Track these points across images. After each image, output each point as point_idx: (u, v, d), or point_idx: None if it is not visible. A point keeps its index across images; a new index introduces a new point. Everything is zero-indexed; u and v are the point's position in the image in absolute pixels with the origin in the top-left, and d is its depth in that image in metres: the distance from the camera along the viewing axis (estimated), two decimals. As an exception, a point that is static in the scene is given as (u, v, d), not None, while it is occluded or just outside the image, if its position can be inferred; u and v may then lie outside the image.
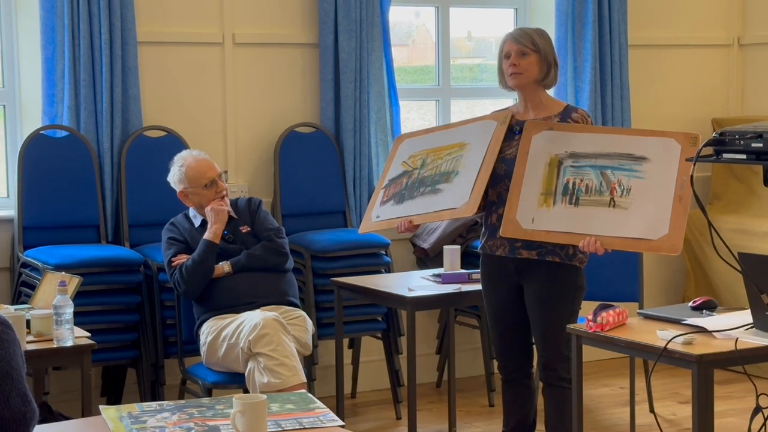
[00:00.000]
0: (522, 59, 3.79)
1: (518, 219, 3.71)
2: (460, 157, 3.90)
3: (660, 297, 6.13)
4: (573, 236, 3.64)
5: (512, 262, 3.83)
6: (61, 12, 4.77)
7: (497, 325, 3.94)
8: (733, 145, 2.57)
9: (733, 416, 4.89)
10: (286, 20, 5.37)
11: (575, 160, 3.72)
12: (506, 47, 3.84)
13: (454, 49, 6.01)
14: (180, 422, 2.58)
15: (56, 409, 4.39)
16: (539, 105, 3.88)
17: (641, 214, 3.57)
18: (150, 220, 4.86)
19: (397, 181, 4.04)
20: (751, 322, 3.26)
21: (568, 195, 3.69)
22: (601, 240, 3.59)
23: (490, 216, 3.87)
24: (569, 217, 3.66)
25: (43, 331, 3.67)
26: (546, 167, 3.74)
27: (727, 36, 6.40)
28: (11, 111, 5.03)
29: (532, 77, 3.81)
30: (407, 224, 3.90)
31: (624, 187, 3.62)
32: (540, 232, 3.68)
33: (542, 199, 3.71)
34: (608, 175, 3.65)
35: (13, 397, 1.75)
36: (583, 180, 3.69)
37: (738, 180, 6.04)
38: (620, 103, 5.89)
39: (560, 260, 3.77)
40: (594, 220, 3.63)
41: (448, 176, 3.89)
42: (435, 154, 4.00)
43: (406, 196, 3.97)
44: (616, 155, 3.67)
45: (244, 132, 5.31)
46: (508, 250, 3.82)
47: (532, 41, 3.80)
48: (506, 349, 3.94)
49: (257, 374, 4.04)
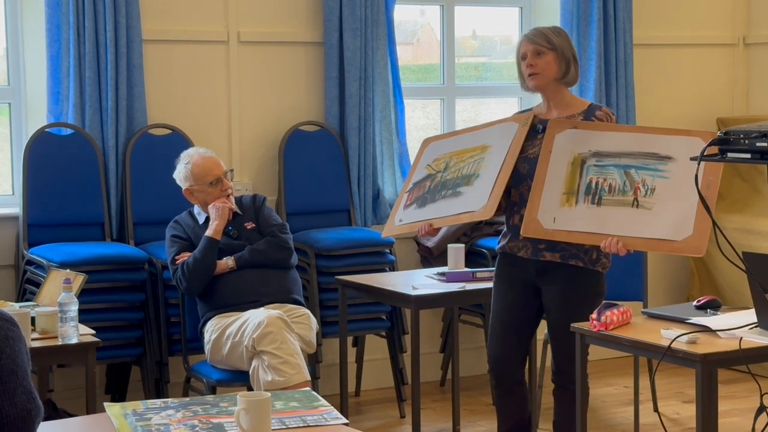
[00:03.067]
0: (538, 59, 3.72)
1: (539, 218, 3.64)
2: (482, 159, 3.85)
3: (664, 296, 6.13)
4: (595, 236, 3.57)
5: (534, 264, 3.76)
6: (66, 10, 4.78)
7: (500, 326, 3.86)
8: (738, 145, 2.57)
9: (737, 416, 4.89)
10: (291, 19, 5.38)
11: (599, 159, 3.65)
12: (522, 48, 3.77)
13: (458, 47, 6.01)
14: (184, 419, 2.59)
15: (61, 406, 4.40)
16: (562, 103, 3.80)
17: (665, 215, 3.50)
18: (154, 218, 4.87)
19: (421, 184, 4.00)
20: (755, 321, 3.26)
21: (591, 194, 3.62)
22: (624, 240, 3.52)
23: (512, 217, 3.81)
24: (592, 216, 3.59)
25: (47, 328, 3.67)
26: (569, 166, 3.67)
27: (732, 35, 6.40)
28: (16, 109, 5.03)
29: (550, 76, 3.74)
30: (427, 227, 3.84)
31: (648, 186, 3.56)
32: (561, 232, 3.61)
33: (564, 199, 3.65)
34: (632, 175, 3.59)
35: (19, 394, 1.75)
36: (606, 179, 3.62)
37: (743, 179, 6.04)
38: (625, 102, 5.89)
39: (583, 264, 3.71)
40: (617, 220, 3.56)
41: (469, 179, 3.84)
42: (458, 156, 3.95)
43: (428, 200, 3.92)
44: (640, 154, 3.60)
45: (249, 130, 5.31)
46: (531, 251, 3.75)
47: (547, 39, 3.73)
48: (503, 351, 3.85)
49: (261, 372, 4.04)
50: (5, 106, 5.06)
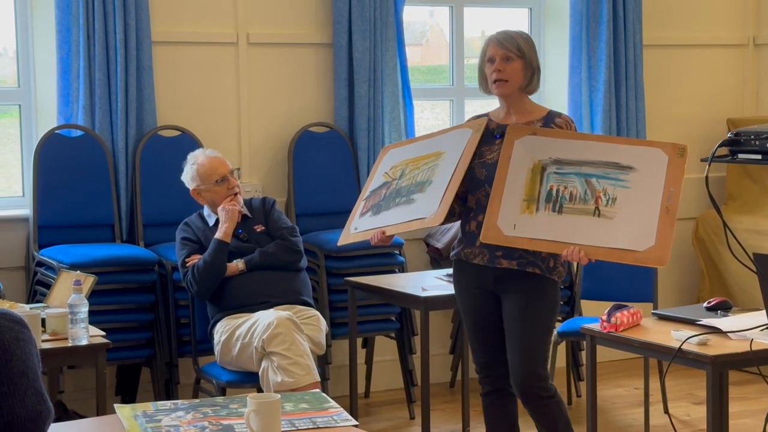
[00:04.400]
0: (507, 64, 3.65)
1: (499, 225, 3.55)
2: (435, 166, 3.77)
3: (674, 297, 6.12)
4: (556, 245, 3.50)
5: (491, 272, 3.66)
6: (76, 12, 4.79)
7: (479, 334, 3.76)
8: (748, 146, 2.57)
9: (748, 417, 4.87)
10: (301, 20, 5.38)
11: (559, 167, 3.58)
12: (490, 51, 3.69)
13: (468, 48, 6.01)
14: (194, 421, 2.59)
15: (71, 407, 4.41)
16: (522, 110, 3.73)
17: (627, 225, 3.44)
18: (164, 220, 4.88)
19: (377, 192, 3.93)
20: (766, 322, 3.25)
21: (552, 202, 3.54)
22: (585, 249, 3.44)
23: (468, 223, 3.72)
24: (553, 224, 3.52)
25: (58, 330, 3.68)
26: (529, 173, 3.59)
27: (742, 36, 6.38)
28: (27, 110, 5.05)
29: (516, 85, 3.66)
30: (380, 235, 3.73)
31: (609, 196, 3.49)
32: (522, 239, 3.53)
33: (525, 206, 3.56)
34: (593, 184, 3.52)
35: (29, 396, 1.76)
36: (567, 187, 3.54)
37: (753, 180, 6.02)
38: (635, 103, 5.88)
39: (540, 272, 3.62)
40: (578, 228, 3.49)
41: (422, 186, 3.76)
42: (413, 164, 3.89)
43: (383, 207, 3.84)
44: (601, 163, 3.54)
45: (258, 132, 5.32)
46: (487, 258, 3.66)
47: (517, 46, 3.65)
48: (489, 359, 3.76)
49: (271, 373, 4.04)
50: (15, 107, 5.07)
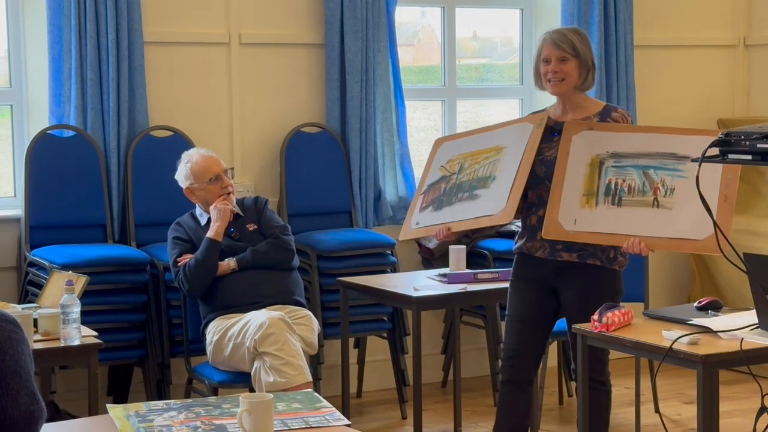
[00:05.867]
0: (563, 65, 3.71)
1: (560, 220, 3.64)
2: (498, 161, 3.83)
3: (665, 297, 6.14)
4: (617, 237, 3.58)
5: (552, 264, 3.76)
6: (68, 12, 4.78)
7: (518, 325, 3.84)
8: (739, 146, 2.57)
9: (739, 416, 4.89)
10: (293, 20, 5.38)
11: (617, 160, 3.66)
12: (545, 51, 3.74)
13: (459, 49, 6.02)
14: (187, 421, 2.59)
15: (62, 408, 4.40)
16: (578, 106, 3.80)
17: (686, 214, 3.51)
18: (156, 220, 4.88)
19: (436, 186, 3.99)
20: (756, 322, 3.26)
21: (611, 195, 3.63)
22: (646, 241, 3.54)
23: (530, 217, 3.80)
24: (612, 217, 3.60)
25: (50, 330, 3.68)
26: (587, 167, 3.68)
27: (732, 37, 6.40)
28: (18, 110, 5.04)
29: (572, 84, 3.74)
30: (445, 231, 3.84)
31: (668, 186, 3.57)
32: (583, 234, 3.63)
33: (584, 200, 3.65)
34: (651, 175, 3.60)
35: (22, 396, 1.76)
36: (625, 180, 3.63)
37: (743, 180, 6.03)
38: (626, 103, 5.89)
39: (601, 263, 3.72)
40: (638, 220, 3.57)
41: (485, 181, 3.83)
42: (473, 158, 3.94)
43: (444, 202, 3.92)
44: (658, 155, 3.61)
45: (251, 132, 5.32)
46: (548, 252, 3.76)
47: (572, 46, 3.72)
48: (518, 349, 3.85)
49: (263, 373, 4.05)
50: (7, 107, 5.07)
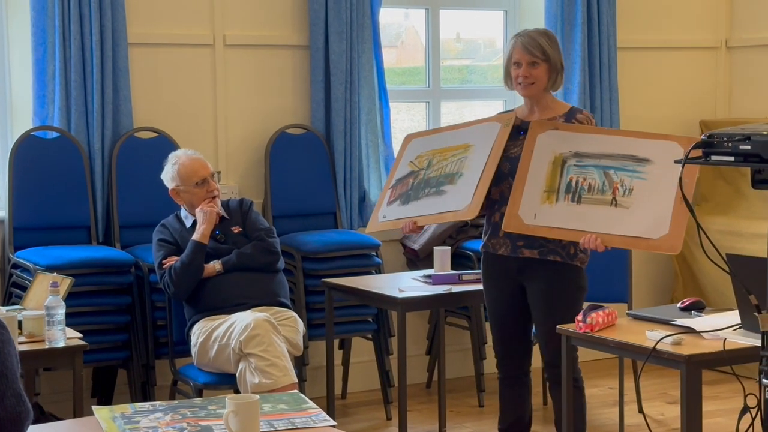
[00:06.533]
0: (533, 69, 3.82)
1: (521, 214, 3.75)
2: (465, 158, 3.94)
3: (649, 298, 6.16)
4: (575, 233, 3.69)
5: (514, 261, 3.86)
6: (51, 13, 4.77)
7: (498, 323, 3.96)
8: (721, 147, 2.58)
9: (722, 416, 4.91)
10: (277, 22, 5.38)
11: (579, 160, 3.77)
12: (516, 55, 3.84)
13: (443, 50, 6.03)
14: (173, 422, 2.60)
15: (47, 410, 4.40)
16: (545, 107, 3.92)
17: (642, 214, 3.63)
18: (141, 221, 4.87)
19: (404, 181, 4.09)
20: (739, 322, 3.28)
21: (571, 193, 3.74)
22: (602, 237, 3.64)
23: (493, 214, 3.90)
24: (571, 214, 3.71)
25: (35, 332, 3.67)
26: (550, 165, 3.79)
27: (714, 38, 6.44)
28: (2, 112, 5.03)
29: (541, 86, 3.85)
30: (411, 225, 3.94)
31: (626, 187, 3.68)
32: (542, 228, 3.73)
33: (545, 196, 3.76)
34: (611, 175, 3.71)
35: (8, 397, 1.76)
36: (586, 179, 3.74)
37: (726, 182, 6.07)
38: (609, 105, 5.92)
39: (561, 259, 3.81)
40: (596, 217, 3.68)
41: (452, 178, 3.93)
42: (441, 155, 4.04)
43: (411, 197, 4.02)
44: (619, 156, 3.73)
45: (235, 133, 5.32)
46: (510, 249, 3.85)
47: (543, 51, 3.81)
48: (506, 348, 3.97)
49: (248, 375, 4.05)
50: (-9, 109, 5.06)
